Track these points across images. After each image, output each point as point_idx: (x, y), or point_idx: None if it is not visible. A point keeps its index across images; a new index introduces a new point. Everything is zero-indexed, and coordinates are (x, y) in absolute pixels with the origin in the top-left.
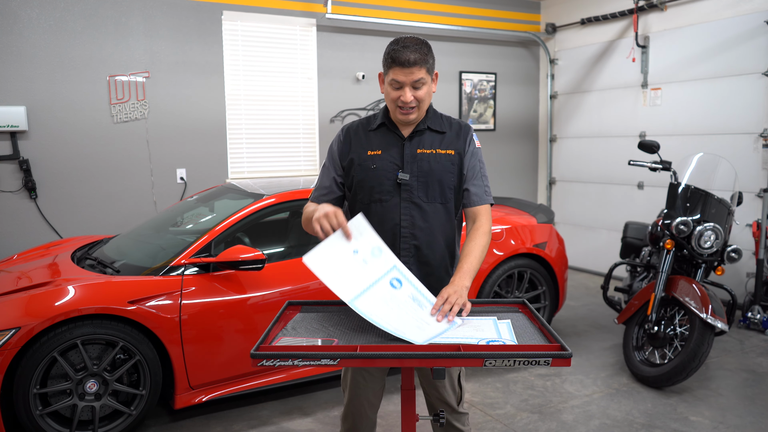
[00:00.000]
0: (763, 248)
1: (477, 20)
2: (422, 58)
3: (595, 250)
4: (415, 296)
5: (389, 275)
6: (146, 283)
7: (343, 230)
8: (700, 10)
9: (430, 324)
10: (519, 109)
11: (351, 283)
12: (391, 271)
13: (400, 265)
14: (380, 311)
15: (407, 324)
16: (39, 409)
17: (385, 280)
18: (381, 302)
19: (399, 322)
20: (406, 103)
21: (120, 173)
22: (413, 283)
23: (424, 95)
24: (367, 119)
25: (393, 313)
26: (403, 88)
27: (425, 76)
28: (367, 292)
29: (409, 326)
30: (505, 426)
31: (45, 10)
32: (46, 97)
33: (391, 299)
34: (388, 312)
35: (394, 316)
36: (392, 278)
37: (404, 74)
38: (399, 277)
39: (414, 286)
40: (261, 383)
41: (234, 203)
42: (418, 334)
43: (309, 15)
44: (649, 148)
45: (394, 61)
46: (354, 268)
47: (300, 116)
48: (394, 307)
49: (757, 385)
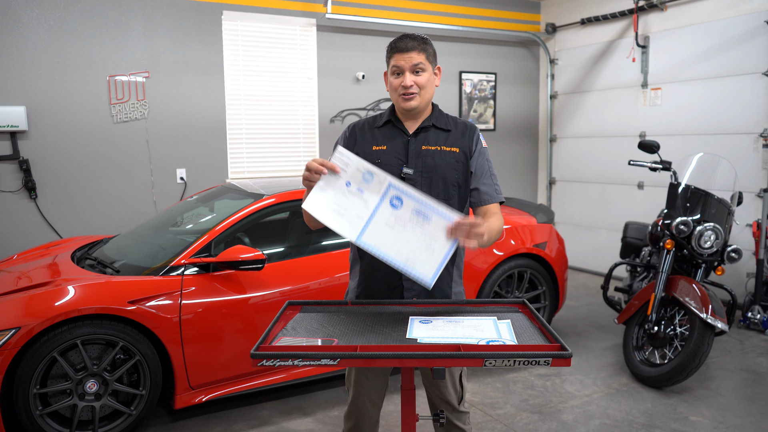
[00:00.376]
0: (763, 248)
1: (477, 20)
2: (420, 45)
3: (595, 250)
4: (418, 209)
5: (388, 196)
6: (146, 283)
7: (328, 167)
8: (700, 10)
9: (438, 239)
10: (519, 109)
11: (353, 219)
12: (388, 191)
13: (394, 181)
14: (387, 241)
15: (416, 248)
16: (39, 409)
17: (385, 202)
18: (386, 229)
19: (408, 249)
20: (406, 88)
21: (120, 173)
22: (413, 195)
23: (424, 82)
24: (373, 118)
25: (400, 237)
26: (404, 74)
27: (425, 63)
28: (371, 223)
29: (418, 252)
30: (505, 426)
31: (45, 10)
32: (46, 97)
33: (395, 222)
34: (395, 239)
35: (402, 241)
36: (392, 198)
37: (403, 59)
38: (398, 194)
39: (415, 199)
40: (261, 383)
41: (234, 203)
42: (427, 265)
43: (309, 15)
44: (649, 148)
45: (393, 49)
46: (352, 201)
47: (300, 116)
48: (400, 230)
49: (757, 385)
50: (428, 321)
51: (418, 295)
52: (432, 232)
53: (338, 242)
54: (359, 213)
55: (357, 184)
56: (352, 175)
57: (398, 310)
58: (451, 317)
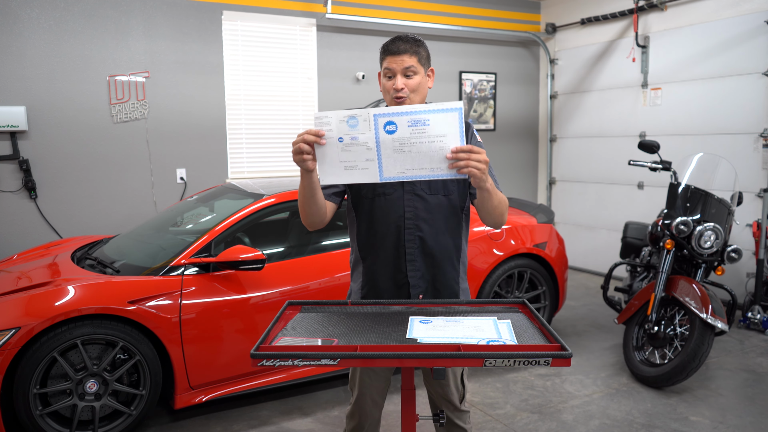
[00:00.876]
0: (763, 248)
1: (477, 20)
2: (412, 47)
3: (595, 250)
4: (413, 120)
5: (380, 126)
6: (146, 283)
7: (312, 134)
8: (700, 10)
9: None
10: (519, 109)
11: (366, 165)
12: (377, 122)
13: (378, 110)
14: (407, 163)
15: (434, 153)
16: (39, 409)
17: (381, 133)
18: (398, 155)
19: (428, 159)
20: (398, 91)
21: (120, 173)
22: (402, 111)
23: (415, 85)
24: None
25: (414, 153)
26: (395, 76)
27: (416, 66)
28: (382, 158)
29: (436, 154)
30: (505, 426)
31: (45, 10)
32: (46, 97)
33: (401, 144)
34: (411, 158)
35: (417, 155)
36: (384, 126)
37: (395, 62)
38: (388, 119)
39: (405, 113)
40: (261, 383)
41: (234, 203)
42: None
43: (309, 15)
44: (649, 148)
45: (385, 51)
46: (353, 151)
47: (300, 116)
48: (410, 148)
49: (757, 385)
50: (428, 321)
51: (424, 292)
52: (437, 131)
53: (338, 242)
54: (367, 156)
55: (347, 134)
56: (338, 129)
57: (398, 310)
58: (451, 317)
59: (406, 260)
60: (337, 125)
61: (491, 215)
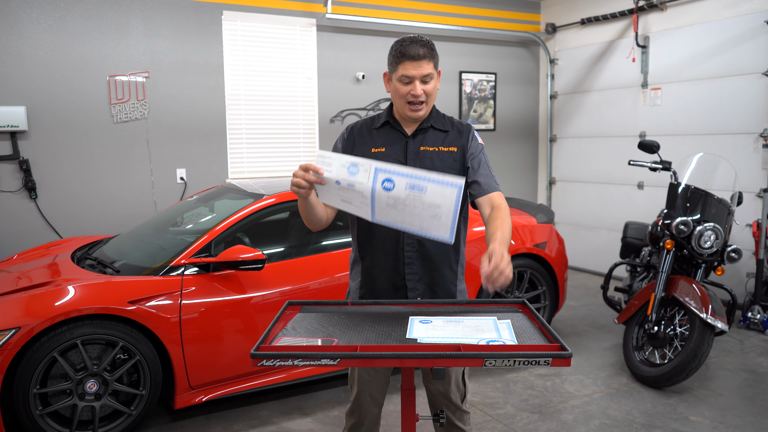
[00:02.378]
0: (763, 248)
1: (477, 20)
2: (430, 52)
3: (595, 250)
4: (411, 184)
5: (378, 181)
6: (146, 283)
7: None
8: (700, 10)
9: (440, 205)
10: (519, 109)
11: (359, 205)
12: (377, 177)
13: (380, 165)
14: (397, 217)
15: (424, 218)
16: (39, 409)
17: (378, 188)
18: (390, 209)
19: (419, 220)
20: (416, 97)
21: (120, 173)
22: (402, 173)
23: (432, 90)
24: (371, 119)
25: (406, 213)
26: (414, 83)
27: (433, 71)
28: (375, 207)
29: (427, 220)
30: (505, 426)
31: (45, 10)
32: (46, 97)
33: (395, 202)
34: (402, 215)
35: (409, 215)
36: (382, 182)
37: (414, 68)
38: (387, 176)
39: (405, 175)
40: (261, 383)
41: (234, 203)
42: (441, 228)
43: (309, 15)
44: (649, 148)
45: (403, 56)
46: (350, 193)
47: (300, 116)
48: (402, 207)
49: (757, 385)
50: (428, 321)
51: (422, 294)
52: (431, 200)
53: (338, 242)
54: (361, 201)
55: (345, 179)
56: (338, 173)
57: (398, 310)
58: (451, 317)
59: (405, 263)
60: (338, 169)
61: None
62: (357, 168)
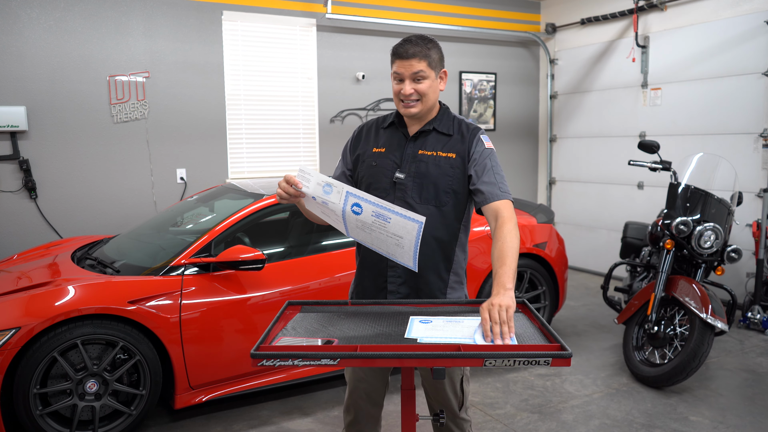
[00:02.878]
0: (763, 248)
1: (477, 20)
2: (422, 51)
3: (595, 250)
4: (377, 212)
5: (348, 203)
6: (146, 283)
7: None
8: (700, 10)
9: (402, 237)
10: (519, 109)
11: (336, 220)
12: (347, 200)
13: (351, 189)
14: (367, 239)
15: (389, 245)
16: (39, 409)
17: (347, 210)
18: (360, 231)
19: (385, 245)
20: (406, 96)
21: (120, 173)
22: (369, 200)
23: (425, 89)
24: (383, 117)
25: (373, 237)
26: (404, 81)
27: (426, 70)
28: (347, 225)
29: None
30: (505, 426)
31: (45, 10)
32: (46, 97)
33: (363, 225)
34: (371, 238)
35: (376, 239)
36: (352, 205)
37: (403, 66)
38: (355, 201)
39: (371, 203)
40: (261, 383)
41: (234, 203)
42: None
43: (309, 15)
44: (649, 148)
45: (395, 54)
46: (327, 211)
47: (300, 116)
48: (369, 231)
49: (757, 385)
50: (428, 321)
51: (406, 297)
52: (394, 231)
53: (338, 242)
54: (336, 217)
55: (320, 197)
56: (314, 190)
57: (398, 310)
58: (451, 317)
59: (388, 265)
60: (314, 186)
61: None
62: (330, 188)
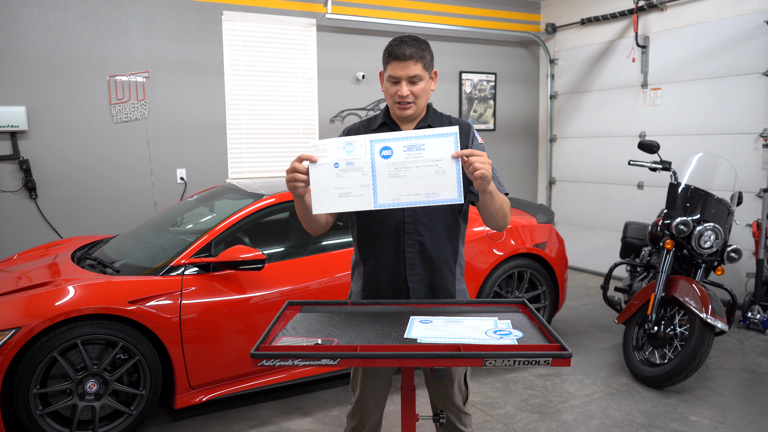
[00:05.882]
0: (763, 248)
1: (477, 20)
2: (418, 53)
3: (595, 250)
4: (409, 145)
5: (375, 151)
6: (146, 283)
7: (306, 159)
8: (700, 10)
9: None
10: (519, 109)
11: (360, 191)
12: (373, 148)
13: (372, 136)
14: (401, 189)
15: (428, 178)
16: (39, 409)
17: (377, 158)
18: (393, 180)
19: (423, 184)
20: (402, 98)
21: (120, 173)
22: (397, 137)
23: (420, 91)
24: (368, 120)
25: (409, 178)
26: (400, 83)
27: (421, 72)
28: (377, 183)
29: (432, 180)
30: (505, 426)
31: (45, 10)
32: (46, 97)
33: (397, 169)
34: (406, 183)
35: (412, 180)
36: (380, 150)
37: (400, 68)
38: (383, 144)
39: (400, 138)
40: (261, 383)
41: (234, 203)
42: (447, 187)
43: (309, 15)
44: (649, 148)
45: (390, 56)
46: (349, 177)
47: (300, 116)
48: (405, 172)
49: (757, 385)
50: (428, 321)
51: (423, 296)
52: (432, 155)
53: (338, 242)
54: (362, 182)
55: (344, 159)
56: (335, 155)
57: (398, 310)
58: (451, 317)
59: (406, 264)
60: (334, 151)
61: (494, 218)
62: (353, 146)
